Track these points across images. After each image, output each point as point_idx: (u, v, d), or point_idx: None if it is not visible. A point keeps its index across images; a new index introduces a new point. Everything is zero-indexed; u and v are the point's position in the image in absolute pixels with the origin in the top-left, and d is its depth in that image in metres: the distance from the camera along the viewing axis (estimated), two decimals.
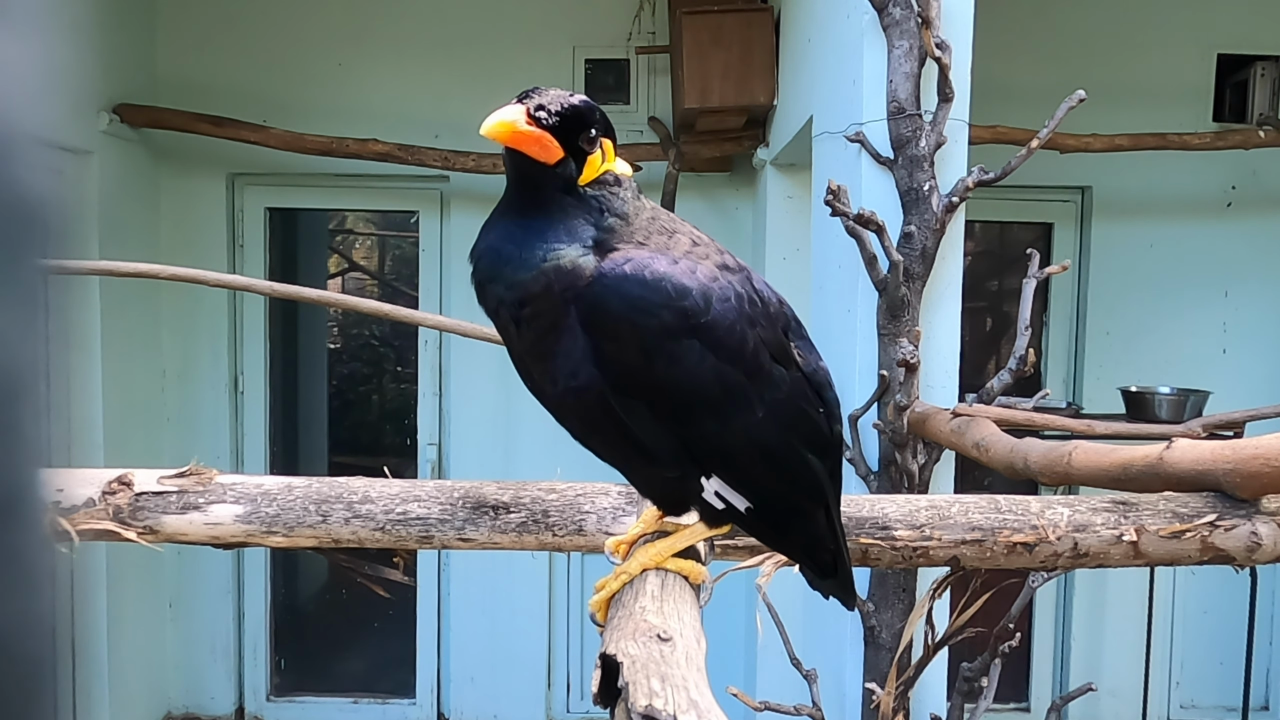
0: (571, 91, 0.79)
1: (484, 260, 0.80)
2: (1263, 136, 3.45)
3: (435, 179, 3.76)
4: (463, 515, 1.16)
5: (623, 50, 3.73)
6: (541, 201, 0.79)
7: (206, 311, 3.82)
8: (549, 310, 0.77)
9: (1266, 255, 3.80)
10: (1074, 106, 1.95)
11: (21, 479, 0.21)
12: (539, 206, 0.79)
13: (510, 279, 0.78)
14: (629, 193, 0.82)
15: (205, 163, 3.74)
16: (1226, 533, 1.14)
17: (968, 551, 1.17)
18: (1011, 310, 3.98)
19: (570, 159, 0.78)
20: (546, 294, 0.77)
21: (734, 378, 0.79)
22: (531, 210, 0.79)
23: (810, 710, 1.98)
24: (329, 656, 4.29)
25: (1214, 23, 3.70)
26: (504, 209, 0.81)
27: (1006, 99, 3.07)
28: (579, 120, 0.77)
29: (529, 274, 0.77)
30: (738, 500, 0.83)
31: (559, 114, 0.76)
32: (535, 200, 0.79)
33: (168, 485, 1.17)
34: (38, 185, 0.21)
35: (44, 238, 0.21)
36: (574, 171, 0.78)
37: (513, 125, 0.75)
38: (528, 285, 0.77)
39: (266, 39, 3.73)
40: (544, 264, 0.77)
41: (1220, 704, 3.84)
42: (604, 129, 0.80)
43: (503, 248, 0.79)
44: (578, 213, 0.79)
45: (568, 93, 0.78)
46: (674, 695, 0.59)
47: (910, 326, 2.02)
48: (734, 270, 0.83)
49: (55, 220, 0.21)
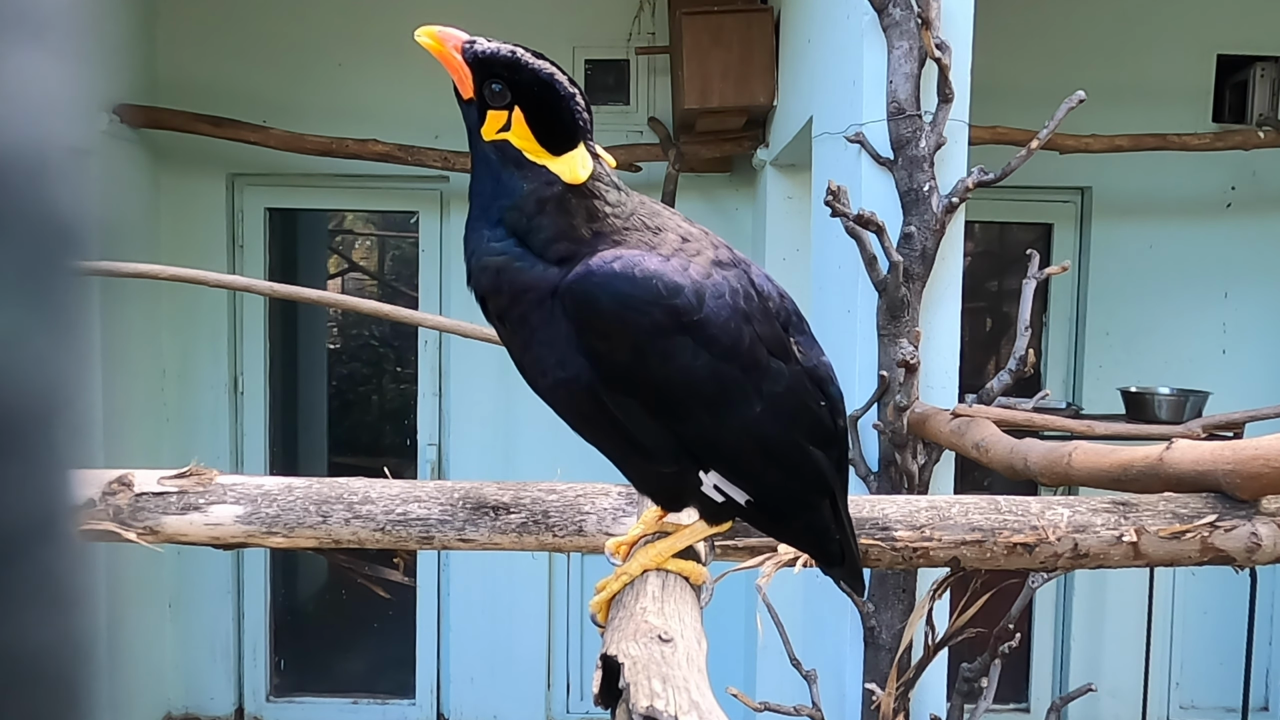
0: (528, 48, 0.78)
1: (465, 248, 0.81)
2: (1262, 137, 3.45)
3: (435, 179, 3.76)
4: (463, 516, 1.16)
5: (623, 50, 3.73)
6: (475, 158, 0.79)
7: (206, 312, 3.81)
8: (512, 305, 0.78)
9: (1266, 256, 3.80)
10: (1074, 107, 1.95)
11: (56, 500, 0.21)
12: (475, 164, 0.79)
13: (475, 269, 0.79)
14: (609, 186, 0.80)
15: (205, 163, 3.74)
16: (1226, 533, 1.14)
17: (968, 552, 1.17)
18: (1011, 311, 3.98)
19: (476, 106, 0.77)
20: (497, 293, 0.78)
21: (729, 374, 0.79)
22: (475, 169, 0.79)
23: (810, 711, 1.98)
24: (329, 657, 4.29)
25: (1214, 23, 3.70)
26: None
27: (1006, 99, 3.07)
28: (490, 68, 0.76)
29: (479, 267, 0.78)
30: (737, 494, 0.83)
31: (482, 55, 0.76)
32: (474, 155, 0.79)
33: (168, 486, 1.17)
34: (74, 205, 0.21)
35: (80, 257, 0.21)
36: (476, 119, 0.78)
37: (440, 40, 0.76)
38: (481, 281, 0.79)
39: (266, 39, 3.73)
40: (486, 259, 0.77)
41: (1220, 704, 3.84)
42: (520, 95, 0.76)
43: (468, 234, 0.80)
44: (494, 178, 0.78)
45: (518, 46, 0.77)
46: (675, 696, 0.59)
47: (910, 327, 2.02)
48: (729, 265, 0.82)
49: (92, 239, 0.21)
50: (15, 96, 0.20)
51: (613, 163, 0.82)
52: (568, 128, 0.78)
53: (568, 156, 0.78)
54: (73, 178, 0.21)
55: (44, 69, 0.20)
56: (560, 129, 0.77)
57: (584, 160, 0.78)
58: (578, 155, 0.78)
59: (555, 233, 0.77)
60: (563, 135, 0.78)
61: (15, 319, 0.20)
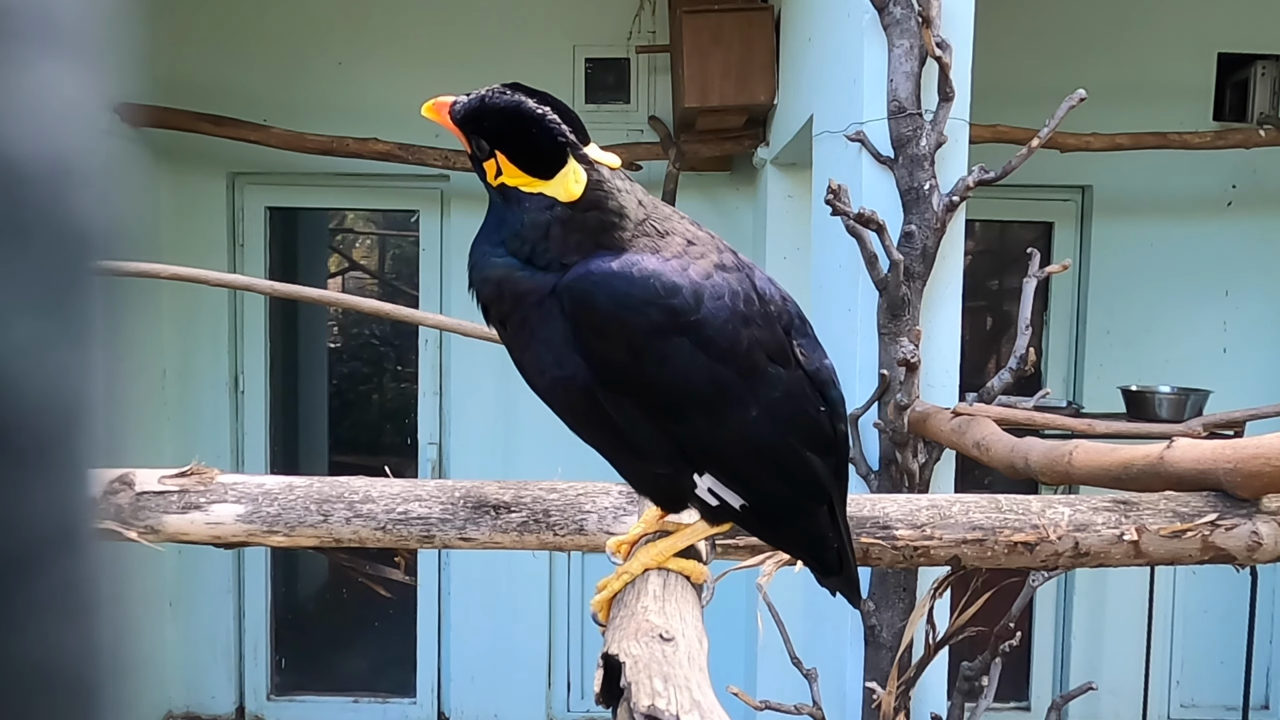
0: (499, 86, 0.78)
1: (468, 262, 0.83)
2: (1263, 136, 3.45)
3: (435, 178, 3.76)
4: (464, 515, 1.16)
5: (623, 49, 3.72)
6: (490, 201, 0.83)
7: (207, 311, 3.82)
8: (513, 309, 0.79)
9: (1267, 254, 3.80)
10: (1074, 106, 1.95)
11: (78, 510, 0.21)
12: (489, 205, 0.83)
13: (475, 280, 0.81)
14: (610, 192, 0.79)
15: (205, 162, 3.74)
16: (1227, 532, 1.14)
17: (968, 551, 1.17)
18: (1012, 309, 3.98)
19: (473, 159, 0.81)
20: (499, 300, 0.79)
21: (726, 376, 0.78)
22: (488, 209, 0.83)
23: (811, 709, 1.98)
24: (330, 656, 4.29)
25: (1214, 22, 3.70)
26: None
27: (1007, 98, 3.07)
28: (470, 123, 0.79)
29: (480, 279, 0.80)
30: (732, 498, 0.82)
31: (458, 114, 0.79)
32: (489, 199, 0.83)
33: (169, 485, 1.17)
34: (94, 213, 0.21)
35: (101, 266, 0.21)
36: (480, 172, 0.81)
37: (436, 111, 0.80)
38: (482, 292, 0.80)
39: (266, 38, 3.73)
40: (487, 272, 0.79)
41: (1220, 703, 3.84)
42: (496, 140, 0.78)
43: (475, 245, 0.82)
44: (500, 214, 0.80)
45: (488, 89, 0.78)
46: (676, 695, 0.59)
47: (911, 326, 2.02)
48: (731, 269, 0.81)
49: (113, 247, 0.21)
50: (37, 105, 0.20)
51: (615, 163, 0.81)
52: (549, 148, 0.77)
53: (559, 175, 0.77)
54: (93, 186, 0.21)
55: (63, 77, 0.20)
56: (543, 152, 0.77)
57: (576, 175, 0.77)
58: (569, 171, 0.77)
59: (561, 250, 0.78)
60: (548, 157, 0.77)
61: (37, 328, 0.20)
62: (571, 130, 0.78)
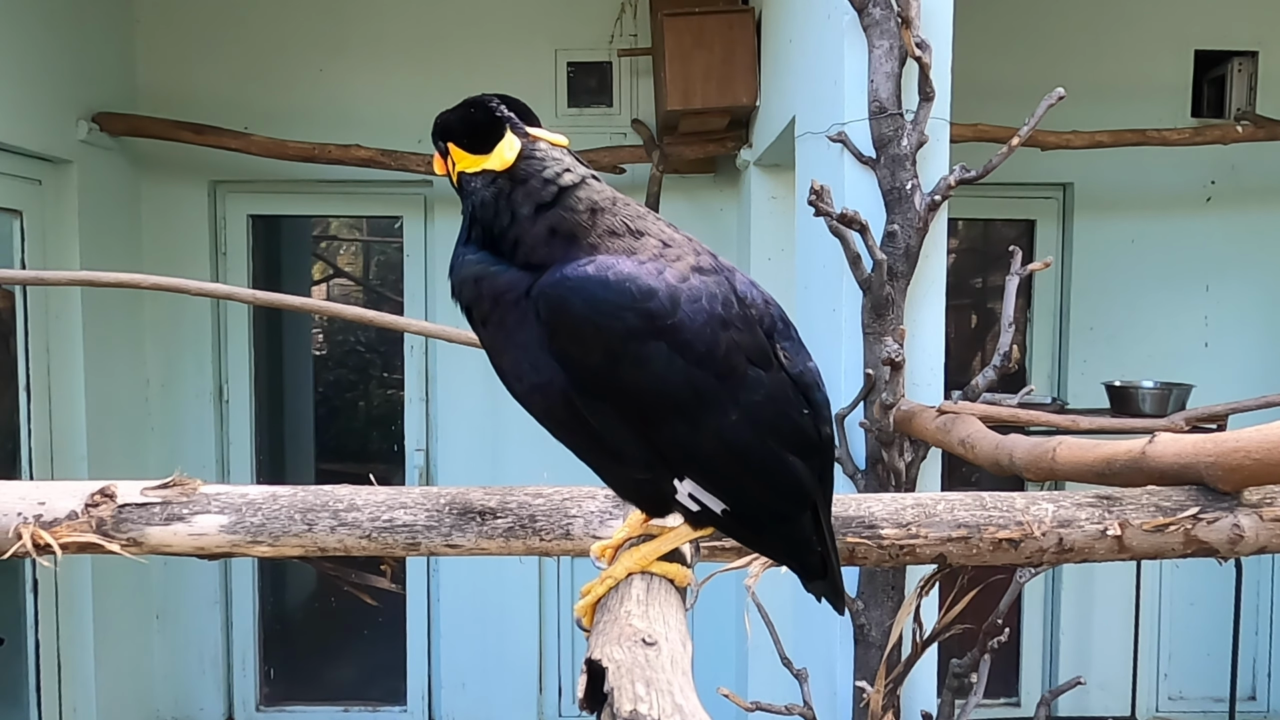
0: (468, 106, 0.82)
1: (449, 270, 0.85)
2: (1240, 131, 3.48)
3: (419, 184, 3.75)
4: (449, 521, 1.15)
5: (605, 53, 3.73)
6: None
7: (190, 320, 3.79)
8: (493, 308, 0.79)
9: (1246, 249, 3.83)
10: (1054, 104, 1.96)
11: None
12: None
13: (455, 283, 0.82)
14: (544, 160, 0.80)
15: (186, 170, 3.72)
16: (1209, 525, 1.15)
17: (954, 549, 1.17)
18: (995, 307, 4.00)
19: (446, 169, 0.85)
20: (478, 300, 0.80)
21: (704, 380, 0.77)
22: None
23: (801, 709, 1.99)
24: (318, 665, 4.27)
25: (1191, 19, 3.74)
26: None
27: (987, 97, 3.09)
28: (437, 132, 0.84)
29: (459, 281, 0.81)
30: (713, 502, 0.81)
31: (433, 129, 0.84)
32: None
33: (151, 496, 1.16)
34: None
35: None
36: (449, 179, 0.84)
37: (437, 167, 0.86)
38: (464, 294, 0.81)
39: (247, 45, 3.72)
40: (464, 272, 0.81)
41: (1208, 694, 3.87)
42: (448, 133, 0.82)
43: (453, 252, 0.83)
44: (466, 211, 0.83)
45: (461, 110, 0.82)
46: (659, 700, 0.59)
47: (895, 325, 2.02)
48: (709, 271, 0.81)
49: None
50: None
51: (561, 141, 0.82)
52: (486, 123, 0.80)
53: (496, 149, 0.80)
54: None
55: None
56: (480, 127, 0.80)
57: (510, 144, 0.79)
58: (504, 143, 0.80)
59: (517, 232, 0.79)
60: (485, 131, 0.80)
61: None
62: (514, 113, 0.81)
